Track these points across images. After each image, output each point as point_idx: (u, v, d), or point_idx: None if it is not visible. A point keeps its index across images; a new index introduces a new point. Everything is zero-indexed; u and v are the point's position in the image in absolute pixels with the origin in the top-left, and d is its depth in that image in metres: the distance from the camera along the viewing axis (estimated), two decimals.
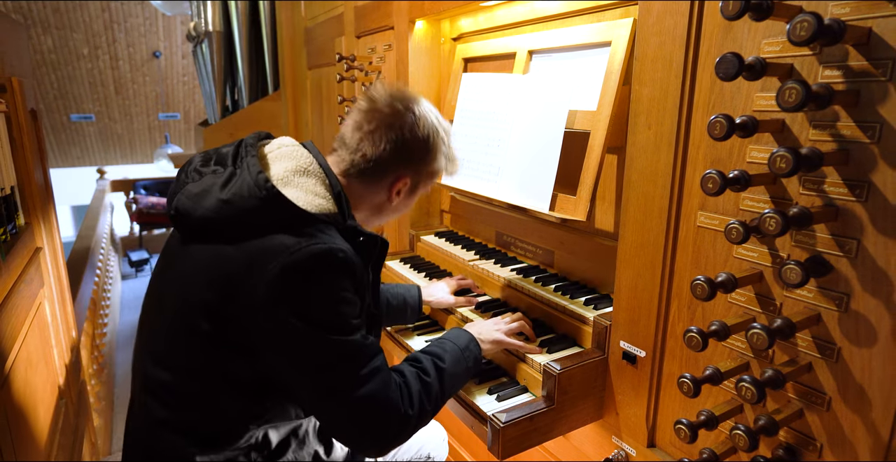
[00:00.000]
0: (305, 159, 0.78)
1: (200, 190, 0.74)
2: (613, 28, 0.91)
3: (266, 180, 0.72)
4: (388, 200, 0.86)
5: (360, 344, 0.72)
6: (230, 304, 0.70)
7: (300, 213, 0.72)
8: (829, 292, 0.57)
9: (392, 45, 1.46)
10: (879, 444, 0.54)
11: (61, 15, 6.27)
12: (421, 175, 0.87)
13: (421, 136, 0.82)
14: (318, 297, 0.69)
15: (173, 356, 0.75)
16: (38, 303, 1.34)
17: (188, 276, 0.73)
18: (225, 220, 0.71)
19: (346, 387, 0.70)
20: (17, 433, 1.05)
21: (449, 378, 0.81)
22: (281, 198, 0.71)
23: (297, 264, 0.68)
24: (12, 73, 1.35)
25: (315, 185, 0.76)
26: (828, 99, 0.52)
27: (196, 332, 0.71)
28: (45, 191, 1.57)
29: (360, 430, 0.72)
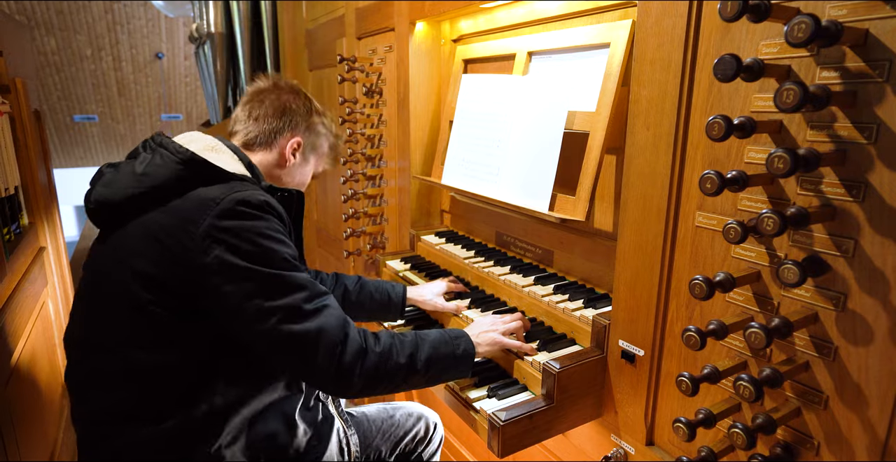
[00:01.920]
0: (212, 140, 0.85)
1: (115, 177, 0.78)
2: (612, 29, 0.92)
3: (182, 147, 0.76)
4: (285, 163, 0.95)
5: (303, 279, 0.74)
6: (169, 266, 0.71)
7: (220, 171, 0.76)
8: (827, 292, 0.57)
9: (393, 46, 1.47)
10: (876, 443, 0.54)
11: (65, 16, 6.30)
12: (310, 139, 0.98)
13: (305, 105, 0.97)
14: (252, 236, 0.71)
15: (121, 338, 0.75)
16: (42, 301, 1.35)
17: (119, 257, 0.75)
18: (147, 192, 0.74)
19: (293, 318, 0.71)
20: (22, 430, 1.06)
21: (429, 348, 0.81)
22: (200, 159, 0.76)
23: (225, 211, 0.71)
24: (16, 75, 1.37)
25: (225, 157, 0.82)
26: (825, 100, 0.53)
27: (142, 306, 0.72)
28: (48, 191, 1.58)
29: (313, 363, 0.72)
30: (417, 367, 0.79)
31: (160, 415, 0.74)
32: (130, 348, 0.74)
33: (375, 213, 1.66)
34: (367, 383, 0.76)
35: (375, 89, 1.60)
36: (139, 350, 0.74)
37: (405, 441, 1.12)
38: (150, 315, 0.72)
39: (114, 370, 0.75)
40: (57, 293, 1.53)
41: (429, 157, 1.45)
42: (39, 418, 1.21)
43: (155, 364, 0.74)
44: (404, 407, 1.17)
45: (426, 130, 1.45)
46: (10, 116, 1.30)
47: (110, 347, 0.76)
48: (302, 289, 0.73)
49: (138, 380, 0.75)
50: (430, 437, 1.16)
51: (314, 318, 0.72)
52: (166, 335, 0.74)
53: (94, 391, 0.77)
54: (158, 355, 0.74)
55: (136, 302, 0.72)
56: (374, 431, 1.09)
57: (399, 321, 1.17)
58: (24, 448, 1.05)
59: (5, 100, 1.26)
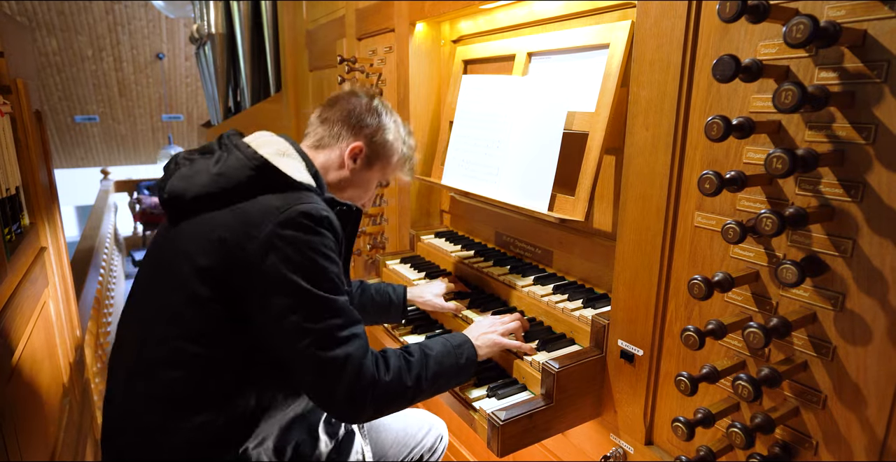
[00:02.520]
0: (283, 144, 0.86)
1: (192, 172, 0.79)
2: (611, 30, 0.92)
3: (255, 152, 0.79)
4: (344, 167, 0.94)
5: (343, 305, 0.75)
6: (227, 265, 0.73)
7: (288, 180, 0.78)
8: (825, 292, 0.57)
9: (393, 47, 1.47)
10: (874, 442, 0.55)
11: (66, 17, 6.31)
12: (375, 146, 0.96)
13: (376, 111, 0.97)
14: (307, 251, 0.73)
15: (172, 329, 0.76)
16: (43, 302, 1.35)
17: (183, 248, 0.76)
18: (220, 192, 0.76)
19: (324, 343, 0.72)
20: (22, 431, 1.06)
21: (435, 364, 0.82)
22: (272, 166, 0.78)
23: (288, 221, 0.73)
24: (17, 75, 1.37)
25: (295, 163, 0.83)
26: (823, 100, 0.53)
27: (196, 300, 0.74)
28: (49, 191, 1.58)
29: (331, 390, 0.73)
30: (423, 387, 0.81)
31: (197, 408, 0.76)
32: (179, 339, 0.75)
33: (375, 213, 1.66)
34: (376, 411, 0.77)
35: (375, 90, 1.60)
36: (187, 341, 0.75)
37: (415, 450, 1.14)
38: (205, 309, 0.74)
39: (159, 358, 0.76)
40: (58, 293, 1.53)
41: (429, 158, 1.46)
42: (40, 418, 1.21)
43: (200, 357, 0.75)
44: (416, 415, 1.18)
45: (426, 131, 1.45)
46: (11, 117, 1.30)
47: (159, 335, 0.77)
48: (340, 315, 0.74)
49: (182, 370, 0.75)
50: (436, 446, 1.18)
51: (343, 347, 0.73)
52: (216, 331, 0.75)
53: (136, 377, 0.78)
54: (205, 349, 0.75)
55: (194, 294, 0.74)
56: (389, 441, 1.11)
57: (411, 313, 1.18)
58: (25, 448, 1.05)
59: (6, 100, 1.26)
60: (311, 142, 0.96)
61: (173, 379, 0.75)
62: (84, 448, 1.60)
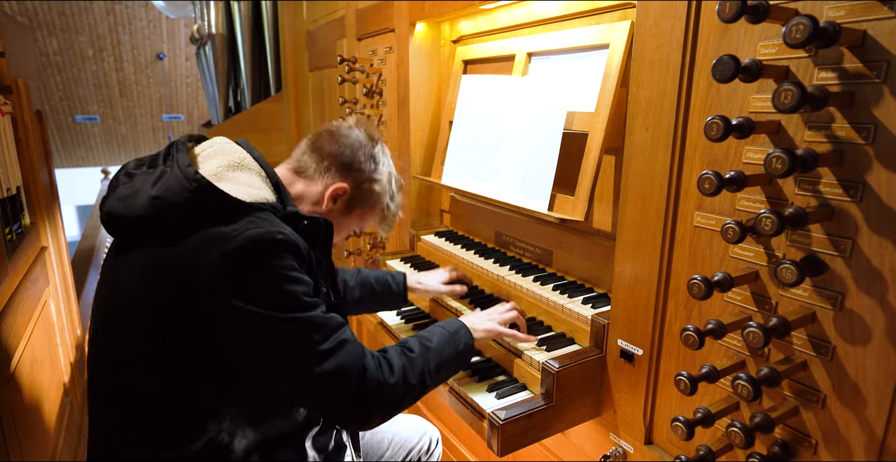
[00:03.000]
0: (238, 154, 0.79)
1: (131, 191, 0.73)
2: (611, 30, 0.92)
3: (195, 172, 0.71)
4: (321, 204, 0.88)
5: (317, 319, 0.71)
6: (177, 299, 0.68)
7: (234, 203, 0.71)
8: (824, 291, 0.57)
9: (393, 47, 1.47)
10: (874, 442, 0.55)
11: (66, 18, 6.32)
12: (361, 193, 0.90)
13: (374, 156, 0.90)
14: (263, 280, 0.68)
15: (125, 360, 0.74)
16: (44, 301, 1.35)
17: (129, 281, 0.72)
18: (158, 217, 0.70)
19: (309, 363, 0.69)
20: (23, 430, 1.06)
21: (436, 356, 0.81)
22: (212, 188, 0.71)
23: (236, 250, 0.67)
24: (18, 75, 1.37)
25: (249, 177, 0.77)
26: (823, 100, 0.53)
27: (145, 333, 0.71)
28: (50, 191, 1.59)
29: (335, 404, 0.71)
30: (428, 382, 0.79)
31: (169, 439, 0.73)
32: (139, 370, 0.73)
33: None
34: (386, 414, 0.75)
35: (375, 90, 1.60)
36: (148, 373, 0.73)
37: (410, 454, 1.13)
38: (161, 340, 0.71)
39: (124, 391, 0.74)
40: (58, 293, 1.53)
41: (429, 158, 1.46)
42: (41, 419, 1.21)
43: (163, 388, 0.72)
44: (409, 421, 1.17)
45: (426, 131, 1.46)
46: (12, 117, 1.30)
47: (121, 367, 0.74)
48: (317, 330, 0.70)
49: (148, 402, 0.73)
50: (431, 449, 1.17)
51: (332, 359, 0.70)
52: (176, 360, 0.72)
53: (107, 410, 0.76)
54: (166, 379, 0.72)
55: (148, 325, 0.71)
56: (384, 448, 1.10)
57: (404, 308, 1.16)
58: (26, 447, 1.05)
59: (7, 100, 1.27)
60: (293, 166, 0.89)
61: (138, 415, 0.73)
62: (85, 448, 1.61)
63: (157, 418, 0.74)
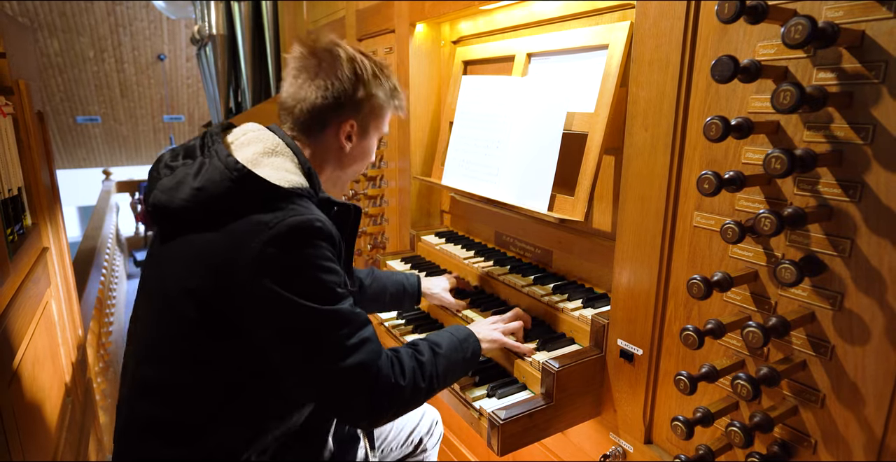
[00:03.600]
0: (272, 141, 0.79)
1: (174, 183, 0.75)
2: (611, 31, 0.92)
3: (236, 162, 0.73)
4: (342, 148, 0.86)
5: (347, 313, 0.72)
6: (217, 288, 0.70)
7: (274, 189, 0.72)
8: (823, 291, 0.57)
9: (393, 47, 1.48)
10: (873, 441, 0.55)
11: (67, 19, 6.33)
12: (364, 114, 0.87)
13: (348, 75, 0.83)
14: (302, 267, 0.69)
15: (163, 351, 0.75)
16: (45, 302, 1.36)
17: (173, 270, 0.74)
18: (201, 207, 0.72)
19: (334, 357, 0.70)
20: (25, 430, 1.06)
21: (445, 361, 0.81)
22: (253, 176, 0.72)
23: (277, 238, 0.68)
24: (19, 76, 1.38)
25: (284, 162, 0.77)
26: (822, 101, 0.53)
27: (185, 323, 0.72)
28: (51, 192, 1.59)
29: (349, 401, 0.72)
30: (435, 386, 0.80)
31: (192, 430, 0.74)
32: (165, 363, 0.74)
33: (376, 213, 1.67)
34: (395, 415, 0.76)
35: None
36: (173, 365, 0.74)
37: (413, 433, 1.16)
38: (191, 332, 0.72)
39: (152, 383, 0.75)
40: (60, 293, 1.54)
41: (429, 158, 1.46)
42: (43, 418, 1.21)
43: (186, 382, 0.74)
44: None
45: (426, 131, 1.46)
46: (13, 118, 1.31)
47: (148, 357, 0.76)
48: (346, 324, 0.71)
49: (172, 395, 0.74)
50: (432, 430, 1.19)
51: (355, 355, 0.71)
52: (203, 353, 0.73)
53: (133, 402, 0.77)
54: (190, 373, 0.74)
55: (181, 316, 0.72)
56: (388, 429, 1.12)
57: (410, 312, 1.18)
58: (28, 447, 1.06)
59: (9, 101, 1.27)
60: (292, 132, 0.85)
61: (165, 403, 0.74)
62: (86, 447, 1.61)
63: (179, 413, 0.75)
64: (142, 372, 0.77)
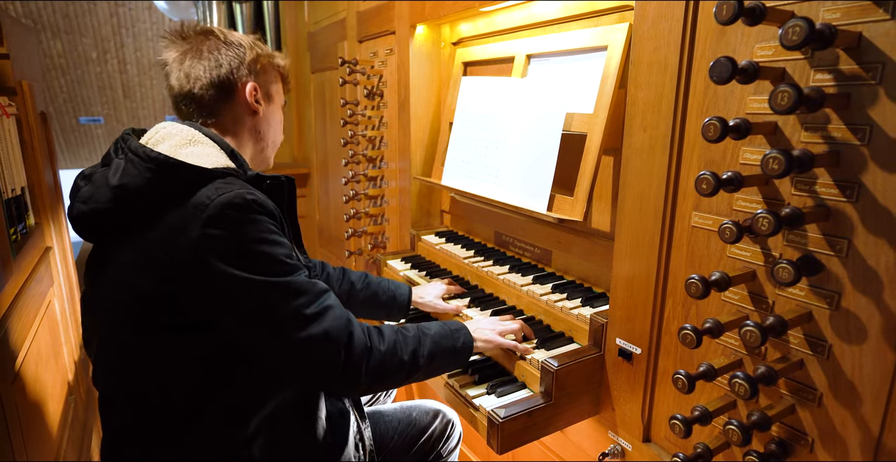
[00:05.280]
0: (187, 132, 0.77)
1: (92, 190, 0.73)
2: (610, 32, 0.93)
3: (151, 151, 0.70)
4: (255, 113, 0.86)
5: (303, 282, 0.71)
6: (168, 283, 0.68)
7: (197, 172, 0.70)
8: (821, 291, 0.58)
9: (394, 49, 1.48)
10: (870, 439, 0.55)
11: (70, 20, 6.36)
12: (260, 76, 0.87)
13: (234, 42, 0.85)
14: (245, 243, 0.68)
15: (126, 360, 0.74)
16: (48, 301, 1.37)
17: (119, 277, 0.71)
18: (125, 206, 0.69)
19: (296, 325, 0.69)
20: (28, 428, 1.07)
21: (431, 343, 0.81)
22: (172, 161, 0.69)
23: (213, 218, 0.67)
24: (23, 77, 1.39)
25: (205, 149, 0.76)
26: (819, 102, 0.54)
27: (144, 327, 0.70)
28: (54, 191, 1.60)
29: (323, 369, 0.70)
30: (420, 363, 0.79)
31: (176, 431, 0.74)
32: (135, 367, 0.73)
33: (376, 213, 1.67)
34: (373, 381, 0.75)
35: (376, 91, 1.61)
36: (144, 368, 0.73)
37: (422, 439, 1.10)
38: (154, 335, 0.71)
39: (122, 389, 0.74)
40: (63, 292, 1.54)
41: (429, 159, 1.46)
42: (45, 417, 1.22)
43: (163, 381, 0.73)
44: (421, 405, 1.15)
45: (426, 132, 1.46)
46: (16, 118, 1.32)
47: (117, 367, 0.75)
48: (302, 293, 0.70)
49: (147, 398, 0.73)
50: (449, 434, 1.14)
51: (318, 323, 0.70)
52: (171, 353, 0.72)
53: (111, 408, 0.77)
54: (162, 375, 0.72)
55: (139, 322, 0.71)
56: (391, 431, 1.08)
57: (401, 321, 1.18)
58: (31, 445, 1.07)
59: (12, 102, 1.28)
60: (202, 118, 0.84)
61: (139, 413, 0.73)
62: (89, 445, 1.62)
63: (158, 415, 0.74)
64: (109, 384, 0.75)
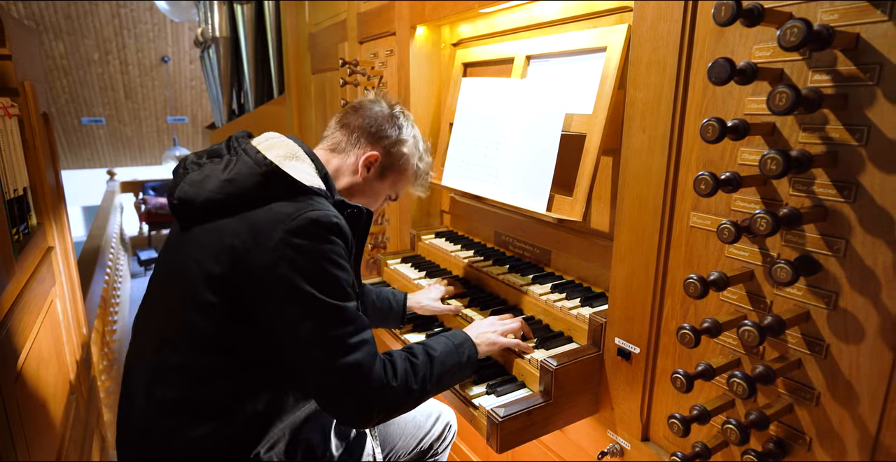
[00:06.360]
0: (292, 147, 0.86)
1: (202, 177, 0.79)
2: (609, 34, 0.93)
3: (265, 158, 0.78)
4: (356, 173, 0.95)
5: (353, 312, 0.75)
6: (237, 273, 0.73)
7: (297, 185, 0.78)
8: (819, 290, 0.58)
9: (394, 50, 1.49)
10: (867, 439, 0.55)
11: (72, 21, 6.39)
12: (391, 158, 0.97)
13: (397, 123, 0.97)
14: (318, 259, 0.73)
15: (182, 335, 0.77)
16: (50, 301, 1.37)
17: (193, 255, 0.76)
18: (228, 198, 0.76)
19: (335, 352, 0.72)
20: (30, 427, 1.08)
21: (439, 365, 0.83)
22: (280, 171, 0.77)
23: (298, 229, 0.73)
24: (25, 78, 1.39)
25: (303, 166, 0.83)
26: (817, 102, 0.54)
27: (205, 307, 0.74)
28: (56, 192, 1.61)
29: (340, 398, 0.73)
30: (428, 388, 0.81)
31: (209, 415, 0.76)
32: (190, 346, 0.76)
33: (377, 213, 1.68)
34: (384, 417, 0.77)
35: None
36: (197, 348, 0.76)
37: (423, 439, 1.14)
38: (214, 316, 0.74)
39: (172, 365, 0.77)
40: (65, 292, 1.55)
41: None
42: (47, 416, 1.22)
43: (210, 364, 0.76)
44: (423, 406, 1.17)
45: (426, 132, 1.47)
46: (19, 119, 1.32)
47: (172, 342, 0.77)
48: (351, 322, 0.74)
49: (192, 377, 0.76)
50: (445, 433, 1.18)
51: (353, 354, 0.73)
52: (225, 338, 0.75)
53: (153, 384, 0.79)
54: (214, 356, 0.75)
55: (203, 301, 0.74)
56: (398, 434, 1.12)
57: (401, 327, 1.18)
58: (33, 444, 1.07)
59: (14, 103, 1.29)
60: (328, 144, 0.96)
61: (185, 386, 0.76)
62: (90, 444, 1.62)
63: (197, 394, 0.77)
64: (163, 356, 0.78)
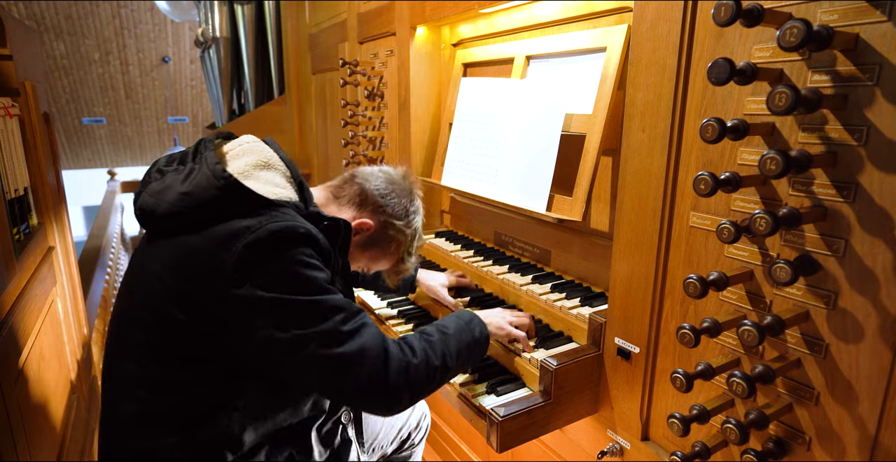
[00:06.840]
0: (265, 154, 0.81)
1: (162, 187, 0.76)
2: (608, 34, 0.93)
3: (223, 170, 0.74)
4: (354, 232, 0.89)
5: (338, 301, 0.72)
6: (199, 289, 0.70)
7: (258, 199, 0.74)
8: (818, 290, 0.58)
9: (394, 50, 1.49)
10: (866, 438, 0.55)
11: (73, 21, 6.39)
12: (383, 234, 0.92)
13: (405, 206, 0.93)
14: (283, 269, 0.69)
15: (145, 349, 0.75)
16: (51, 300, 1.37)
17: (155, 269, 0.74)
18: (186, 212, 0.73)
19: (332, 342, 0.69)
20: (31, 427, 1.08)
21: (454, 341, 0.81)
22: (238, 185, 0.73)
23: (258, 242, 0.69)
24: (26, 78, 1.39)
25: (275, 176, 0.79)
26: (816, 103, 0.54)
27: (168, 321, 0.71)
28: (57, 192, 1.61)
29: (362, 387, 0.70)
30: (450, 365, 0.79)
31: (179, 427, 0.74)
32: (152, 360, 0.74)
33: None
34: (414, 395, 0.75)
35: (377, 92, 1.62)
36: (161, 363, 0.73)
37: (402, 429, 1.17)
38: (178, 331, 0.72)
39: (135, 380, 0.75)
40: (65, 292, 1.55)
41: (429, 159, 1.47)
42: (48, 415, 1.23)
43: (177, 378, 0.73)
44: None
45: (426, 133, 1.47)
46: (19, 119, 1.32)
47: (135, 356, 0.75)
48: (339, 310, 0.71)
49: (160, 391, 0.74)
50: (420, 424, 1.21)
51: (354, 339, 0.70)
52: (189, 352, 0.73)
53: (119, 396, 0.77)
54: (179, 370, 0.73)
55: (167, 316, 0.71)
56: (378, 427, 1.13)
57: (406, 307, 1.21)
58: (34, 444, 1.07)
59: (15, 103, 1.29)
60: (332, 188, 0.93)
61: (156, 398, 0.74)
62: (91, 444, 1.62)
63: (169, 406, 0.75)
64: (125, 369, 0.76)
